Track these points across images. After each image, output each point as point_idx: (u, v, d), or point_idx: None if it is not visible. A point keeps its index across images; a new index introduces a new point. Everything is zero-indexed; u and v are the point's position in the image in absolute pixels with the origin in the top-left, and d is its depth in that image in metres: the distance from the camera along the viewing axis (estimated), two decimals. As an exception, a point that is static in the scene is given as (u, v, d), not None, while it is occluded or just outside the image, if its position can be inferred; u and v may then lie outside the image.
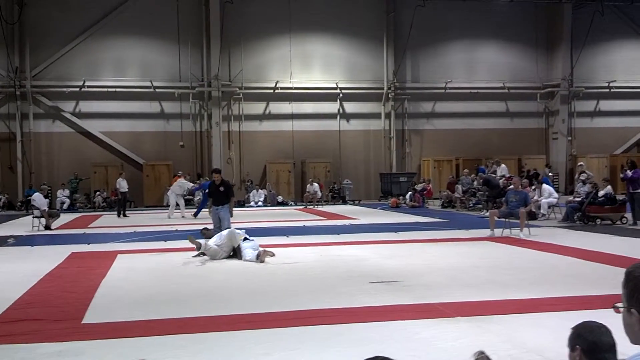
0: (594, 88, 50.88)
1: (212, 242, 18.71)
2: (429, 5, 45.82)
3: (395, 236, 23.90)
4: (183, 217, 34.86)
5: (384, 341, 9.40)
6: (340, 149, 48.23)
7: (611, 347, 3.70)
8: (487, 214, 26.84)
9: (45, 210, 28.79)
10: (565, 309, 11.10)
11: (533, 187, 30.77)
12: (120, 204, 37.10)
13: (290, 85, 47.35)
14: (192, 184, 37.26)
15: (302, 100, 47.64)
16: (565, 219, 27.62)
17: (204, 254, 18.60)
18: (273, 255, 18.43)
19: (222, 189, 20.98)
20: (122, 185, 36.54)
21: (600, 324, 3.86)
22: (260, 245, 18.96)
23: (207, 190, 25.38)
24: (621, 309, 3.29)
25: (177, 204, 36.11)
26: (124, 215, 36.06)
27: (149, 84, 45.42)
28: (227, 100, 46.95)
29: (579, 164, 36.34)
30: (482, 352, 3.92)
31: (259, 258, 17.83)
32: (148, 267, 17.43)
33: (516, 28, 49.95)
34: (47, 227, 28.51)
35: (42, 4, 44.58)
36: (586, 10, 48.35)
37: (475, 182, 37.65)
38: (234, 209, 21.88)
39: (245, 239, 18.80)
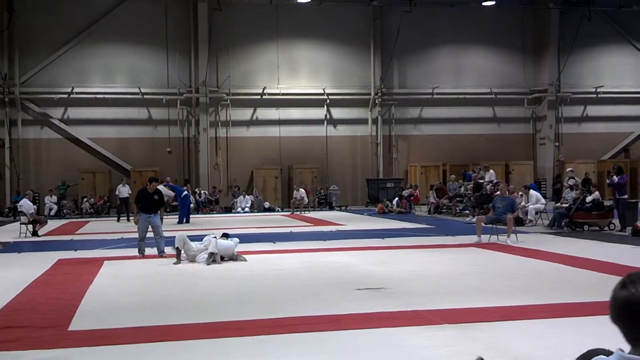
0: (581, 93, 51.10)
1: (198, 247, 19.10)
2: (416, 11, 45.84)
3: (382, 242, 23.92)
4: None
5: (370, 349, 9.40)
6: (327, 155, 48.28)
7: None
8: (474, 220, 26.87)
9: (32, 213, 28.81)
10: (552, 316, 11.14)
11: (520, 193, 30.87)
12: (120, 210, 37.77)
13: (277, 91, 47.42)
14: (171, 193, 36.28)
15: (289, 106, 47.73)
16: (551, 225, 27.66)
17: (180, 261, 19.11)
18: (245, 260, 19.07)
19: (156, 197, 20.88)
20: (122, 191, 36.93)
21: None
22: (241, 252, 19.45)
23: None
24: None
25: None
26: (127, 220, 36.10)
27: (137, 90, 45.49)
28: (214, 106, 47.00)
29: (568, 169, 36.37)
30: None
31: (207, 262, 18.59)
32: (135, 273, 17.42)
33: (503, 33, 50.11)
34: (35, 234, 28.46)
35: (31, 11, 44.54)
36: (573, 16, 48.55)
37: (462, 188, 37.70)
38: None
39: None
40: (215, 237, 19.16)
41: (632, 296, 2.93)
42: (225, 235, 19.72)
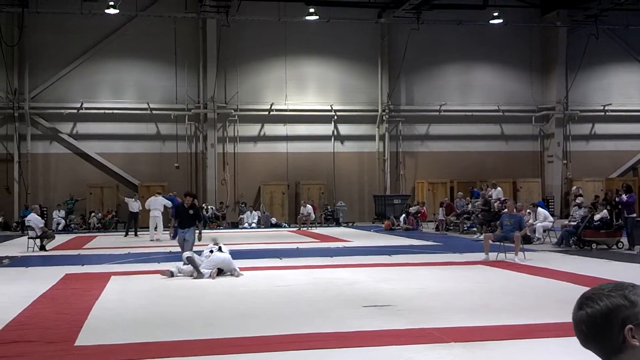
0: (589, 111, 51.07)
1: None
2: (423, 28, 45.97)
3: (389, 259, 23.87)
4: (158, 240, 33.27)
5: (377, 366, 9.37)
6: (334, 171, 48.28)
7: None
8: (482, 237, 26.79)
9: (41, 227, 28.82)
10: (560, 335, 10.97)
11: (528, 211, 30.77)
12: (128, 225, 37.75)
13: (285, 107, 47.49)
14: (168, 202, 35.20)
15: (296, 122, 47.80)
16: (559, 243, 27.56)
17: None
18: (238, 275, 19.12)
19: (191, 212, 20.93)
20: (132, 206, 36.95)
21: None
22: (247, 268, 19.42)
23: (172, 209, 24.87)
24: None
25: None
26: (135, 235, 36.22)
27: (145, 105, 45.62)
28: (222, 121, 47.10)
29: (574, 187, 36.28)
30: None
31: (211, 276, 18.71)
32: (142, 288, 17.38)
33: (511, 51, 50.14)
34: (42, 248, 28.45)
35: (41, 27, 44.73)
36: (581, 34, 48.62)
37: (469, 205, 37.63)
38: (203, 231, 22.05)
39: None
40: (212, 251, 19.23)
41: (595, 312, 2.90)
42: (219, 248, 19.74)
